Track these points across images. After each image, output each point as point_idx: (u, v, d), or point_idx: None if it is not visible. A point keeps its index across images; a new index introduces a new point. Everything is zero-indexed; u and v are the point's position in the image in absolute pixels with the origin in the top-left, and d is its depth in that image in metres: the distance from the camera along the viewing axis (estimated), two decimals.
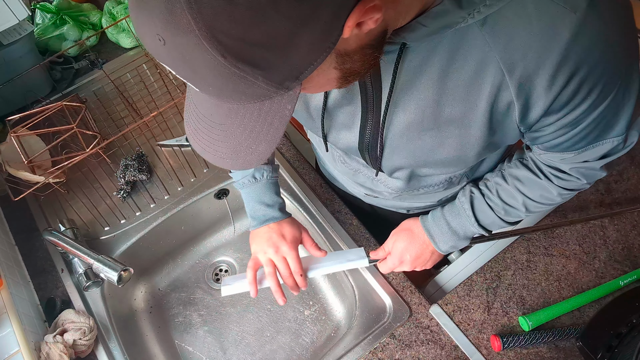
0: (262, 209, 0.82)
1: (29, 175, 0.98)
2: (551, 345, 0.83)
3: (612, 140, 0.58)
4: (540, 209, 0.72)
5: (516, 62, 0.48)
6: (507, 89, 0.50)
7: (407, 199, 0.87)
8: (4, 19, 1.00)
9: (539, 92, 0.49)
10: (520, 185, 0.70)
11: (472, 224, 0.74)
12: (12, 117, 1.06)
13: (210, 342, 1.04)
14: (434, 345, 0.85)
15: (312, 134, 0.86)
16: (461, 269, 0.95)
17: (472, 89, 0.52)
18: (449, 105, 0.54)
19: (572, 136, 0.57)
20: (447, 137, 0.59)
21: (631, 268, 0.90)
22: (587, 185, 0.67)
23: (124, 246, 1.02)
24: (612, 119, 0.55)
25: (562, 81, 0.48)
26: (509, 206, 0.72)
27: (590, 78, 0.48)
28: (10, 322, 0.81)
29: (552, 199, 0.69)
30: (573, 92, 0.49)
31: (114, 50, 1.36)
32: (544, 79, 0.48)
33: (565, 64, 0.47)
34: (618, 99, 0.53)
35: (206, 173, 1.10)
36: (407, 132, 0.60)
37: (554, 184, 0.67)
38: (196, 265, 1.14)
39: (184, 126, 0.53)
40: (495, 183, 0.73)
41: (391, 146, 0.64)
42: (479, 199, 0.73)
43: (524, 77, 0.49)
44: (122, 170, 1.08)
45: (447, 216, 0.76)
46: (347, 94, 0.60)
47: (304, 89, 0.45)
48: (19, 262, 0.98)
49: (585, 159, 0.61)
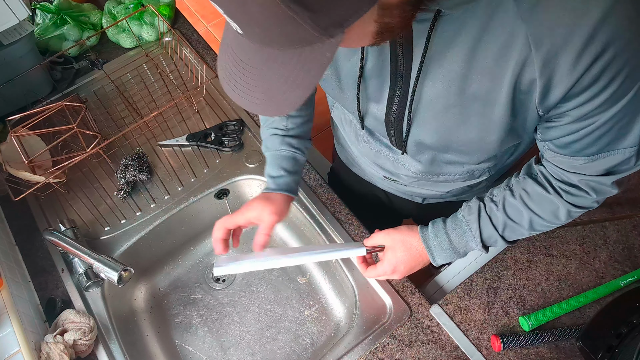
0: (267, 178, 0.84)
1: (29, 175, 0.98)
2: (551, 345, 0.83)
3: (624, 151, 0.56)
4: (546, 228, 0.69)
5: (544, 36, 0.47)
6: (532, 65, 0.50)
7: (426, 185, 0.86)
8: (5, 19, 1.00)
9: (562, 71, 0.49)
10: (528, 200, 0.67)
11: (477, 244, 0.71)
12: (13, 117, 1.06)
13: (211, 342, 1.04)
14: (434, 345, 0.85)
15: (337, 111, 0.85)
16: (461, 269, 0.95)
17: (500, 64, 0.51)
18: (476, 80, 0.54)
19: (584, 135, 0.55)
20: (471, 115, 0.58)
21: (631, 268, 0.90)
22: (596, 204, 0.65)
23: (124, 246, 1.02)
24: (627, 124, 0.54)
25: (587, 62, 0.47)
26: (513, 222, 0.69)
27: (615, 64, 0.47)
28: (11, 322, 0.81)
29: (559, 217, 0.67)
30: (595, 76, 0.48)
31: (114, 50, 1.36)
32: (570, 57, 0.47)
33: (591, 43, 0.46)
34: (637, 98, 0.51)
35: (206, 173, 1.10)
36: (433, 107, 0.59)
37: (563, 200, 0.64)
38: (196, 265, 1.14)
39: (183, 126, 0.53)
40: (502, 197, 0.70)
41: (417, 120, 0.63)
42: (485, 218, 0.71)
43: (550, 53, 0.48)
44: (122, 170, 1.08)
45: (450, 233, 0.73)
46: (377, 64, 0.60)
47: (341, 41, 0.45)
48: (19, 262, 0.98)
49: (595, 170, 0.60)
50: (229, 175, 1.09)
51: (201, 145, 1.13)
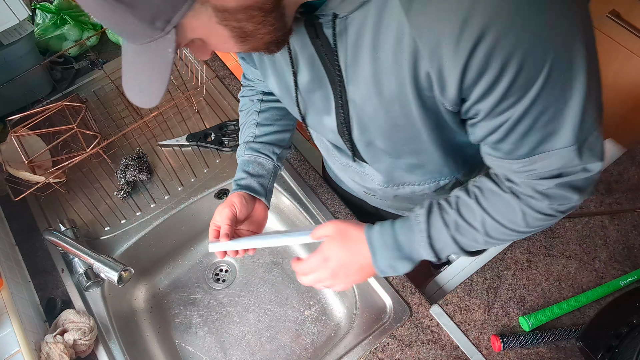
0: (232, 184, 0.84)
1: (29, 175, 0.99)
2: (551, 345, 0.83)
3: (561, 152, 0.52)
4: (503, 235, 0.62)
5: (424, 27, 0.46)
6: (423, 59, 0.48)
7: (403, 200, 0.85)
8: (5, 19, 1.00)
9: (448, 59, 0.46)
10: (482, 198, 0.61)
11: (423, 241, 0.63)
12: (13, 117, 1.06)
13: (211, 342, 1.04)
14: (434, 345, 0.85)
15: (315, 138, 0.85)
16: (461, 269, 0.95)
17: (397, 61, 0.50)
18: (386, 80, 0.53)
19: (505, 132, 0.52)
20: (396, 117, 0.57)
21: (631, 268, 0.90)
22: (557, 214, 0.59)
23: (125, 246, 1.02)
24: (552, 121, 0.49)
25: (467, 47, 0.45)
26: (465, 222, 0.62)
27: (500, 49, 0.44)
28: (11, 322, 0.81)
29: (516, 222, 0.60)
30: (482, 62, 0.45)
31: (114, 50, 1.36)
32: (450, 44, 0.45)
33: (467, 26, 0.43)
34: (553, 89, 0.47)
35: (206, 173, 1.10)
36: (366, 112, 0.59)
37: (518, 200, 0.59)
38: (196, 265, 1.14)
39: (183, 126, 0.58)
40: (455, 196, 0.64)
41: (360, 127, 0.63)
42: (435, 214, 0.64)
43: (433, 43, 0.46)
44: (122, 170, 1.08)
45: (396, 228, 0.65)
46: (315, 76, 0.60)
47: (201, 43, 0.49)
48: (19, 262, 0.98)
49: (537, 174, 0.55)
50: (229, 175, 1.09)
51: (201, 145, 1.13)
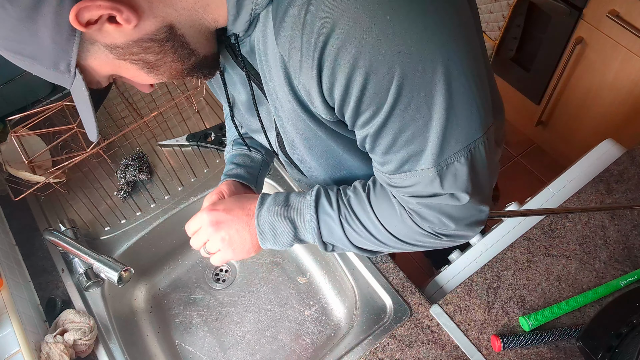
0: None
1: (29, 175, 0.99)
2: (551, 345, 0.83)
3: (423, 173, 0.51)
4: (389, 237, 0.62)
5: (285, 44, 0.46)
6: (294, 75, 0.49)
7: None
8: None
9: (305, 71, 0.47)
10: (372, 194, 0.63)
11: (311, 204, 0.64)
12: (13, 117, 1.06)
13: (211, 342, 1.04)
14: (435, 345, 0.85)
15: None
16: (461, 269, 0.95)
17: (280, 79, 0.51)
18: (280, 97, 0.54)
19: (371, 146, 0.52)
20: (305, 130, 0.57)
21: (632, 268, 0.90)
22: (441, 237, 0.59)
23: (125, 246, 1.02)
24: (413, 139, 0.48)
25: (316, 58, 0.44)
26: (351, 210, 0.63)
27: (343, 61, 0.43)
28: (11, 322, 0.81)
29: (397, 218, 0.60)
30: (330, 75, 0.45)
31: None
32: (303, 56, 0.45)
33: (312, 39, 0.43)
34: (407, 108, 0.46)
35: (206, 173, 1.10)
36: (286, 127, 0.60)
37: (403, 209, 0.59)
38: (196, 265, 1.14)
39: (183, 126, 0.60)
40: (353, 187, 0.65)
41: (287, 141, 0.64)
42: (333, 191, 0.65)
43: (294, 59, 0.47)
44: (122, 170, 1.08)
45: (292, 194, 0.67)
46: (252, 95, 0.60)
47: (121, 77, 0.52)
48: (19, 262, 0.98)
49: (409, 189, 0.55)
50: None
51: (201, 145, 1.13)
